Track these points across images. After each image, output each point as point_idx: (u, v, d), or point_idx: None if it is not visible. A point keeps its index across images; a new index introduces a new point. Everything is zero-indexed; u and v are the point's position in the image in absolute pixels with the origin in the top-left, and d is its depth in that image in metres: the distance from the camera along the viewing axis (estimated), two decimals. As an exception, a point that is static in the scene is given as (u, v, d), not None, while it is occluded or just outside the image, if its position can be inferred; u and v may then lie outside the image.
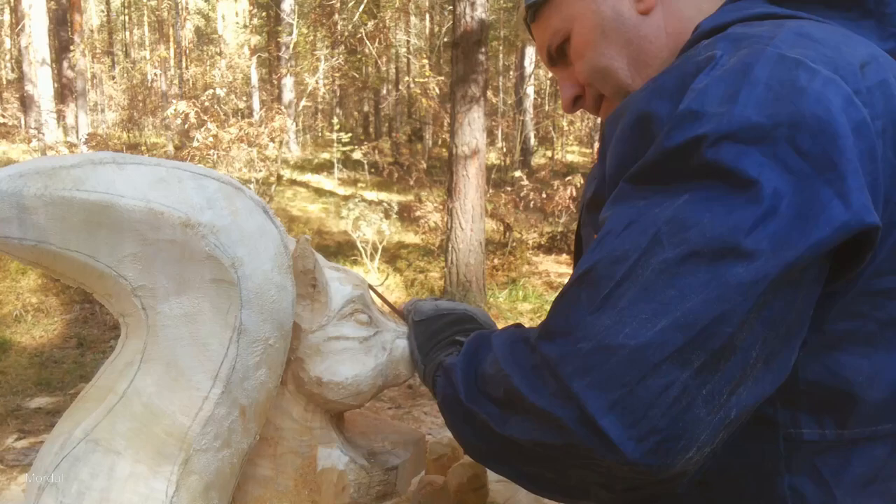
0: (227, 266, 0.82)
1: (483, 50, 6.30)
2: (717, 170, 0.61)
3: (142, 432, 0.80)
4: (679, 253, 0.60)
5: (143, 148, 14.95)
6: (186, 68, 23.06)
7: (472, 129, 6.27)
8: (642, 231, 0.63)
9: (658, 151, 0.65)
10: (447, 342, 0.95)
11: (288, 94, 18.25)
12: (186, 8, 25.56)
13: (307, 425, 0.98)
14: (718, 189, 0.61)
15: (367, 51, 8.16)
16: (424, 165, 8.67)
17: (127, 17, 29.86)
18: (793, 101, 0.61)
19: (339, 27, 8.49)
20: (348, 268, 1.20)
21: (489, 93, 12.93)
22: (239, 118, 9.19)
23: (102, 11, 28.00)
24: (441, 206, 7.95)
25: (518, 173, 8.96)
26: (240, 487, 0.95)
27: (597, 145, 17.61)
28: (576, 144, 21.37)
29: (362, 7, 7.48)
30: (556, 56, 0.95)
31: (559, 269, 7.91)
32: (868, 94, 0.65)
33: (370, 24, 7.84)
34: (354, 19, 7.52)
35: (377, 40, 8.38)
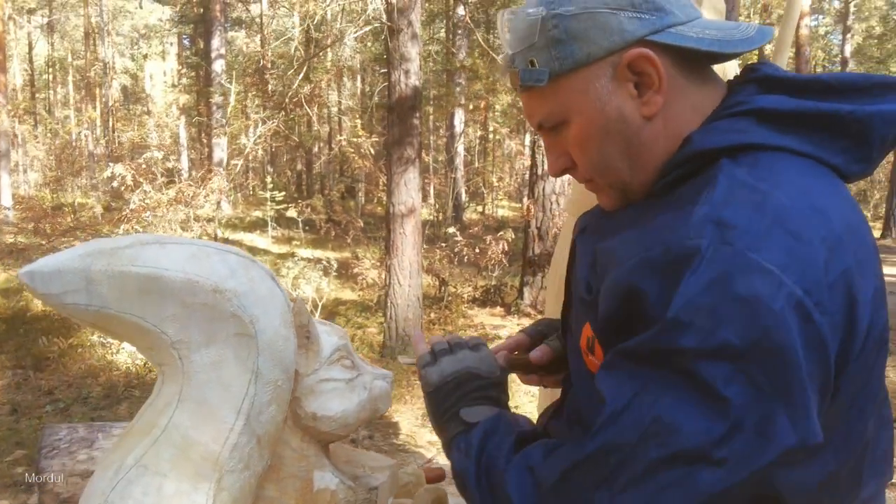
0: (247, 322, 1.03)
1: (417, 115, 6.66)
2: (697, 381, 0.72)
3: (182, 458, 0.99)
4: (661, 454, 0.73)
5: (69, 209, 14.65)
6: (113, 129, 22.82)
7: (409, 189, 6.56)
8: (634, 425, 0.75)
9: (650, 343, 0.76)
10: (451, 415, 1.05)
11: (219, 153, 18.28)
12: (113, 67, 25.39)
13: (304, 453, 1.18)
14: (697, 397, 0.72)
15: (301, 112, 8.44)
16: (361, 224, 8.91)
17: (51, 76, 29.40)
18: (762, 326, 0.71)
19: (274, 91, 8.75)
20: (331, 322, 1.42)
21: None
22: (169, 178, 9.25)
23: (26, 70, 27.50)
24: (378, 263, 8.17)
25: (452, 229, 9.29)
26: (249, 507, 1.14)
27: (526, 200, 18.25)
28: (505, 199, 21.98)
29: (302, 74, 7.77)
30: (548, 128, 0.95)
31: (494, 321, 8.18)
32: (829, 293, 0.74)
33: (307, 87, 8.13)
34: (295, 86, 7.79)
35: (314, 103, 8.68)
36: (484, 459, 0.94)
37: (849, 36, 28.97)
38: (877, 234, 16.79)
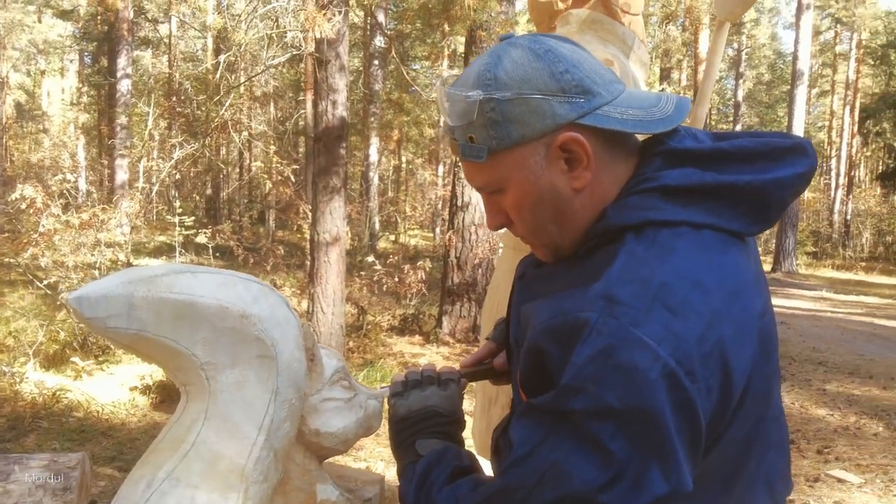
0: (269, 345, 1.13)
1: (343, 144, 6.76)
2: (587, 436, 0.84)
3: (211, 470, 1.07)
4: (555, 496, 0.85)
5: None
6: (6, 147, 21.63)
7: (334, 218, 6.63)
8: (535, 469, 0.88)
9: (550, 403, 0.88)
10: (408, 445, 1.17)
11: (122, 176, 17.65)
12: (8, 83, 24.14)
13: (307, 468, 1.28)
14: (587, 450, 0.84)
15: (225, 137, 8.37)
16: (282, 251, 8.85)
17: (-64, 90, 27.61)
18: (638, 392, 0.82)
19: (193, 116, 8.63)
20: (327, 346, 1.52)
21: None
22: (67, 200, 8.92)
23: None
24: (299, 291, 8.13)
25: (371, 258, 9.37)
26: (256, 519, 1.22)
27: (438, 229, 18.58)
28: (417, 228, 22.20)
29: (229, 101, 7.73)
30: (488, 192, 1.03)
31: (413, 349, 8.28)
32: (702, 363, 0.85)
33: (228, 113, 8.08)
34: (223, 111, 7.73)
35: (238, 129, 8.62)
36: (425, 487, 1.06)
37: (741, 81, 31.12)
38: (767, 267, 17.99)
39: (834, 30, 30.62)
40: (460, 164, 1.06)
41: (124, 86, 18.03)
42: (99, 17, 21.14)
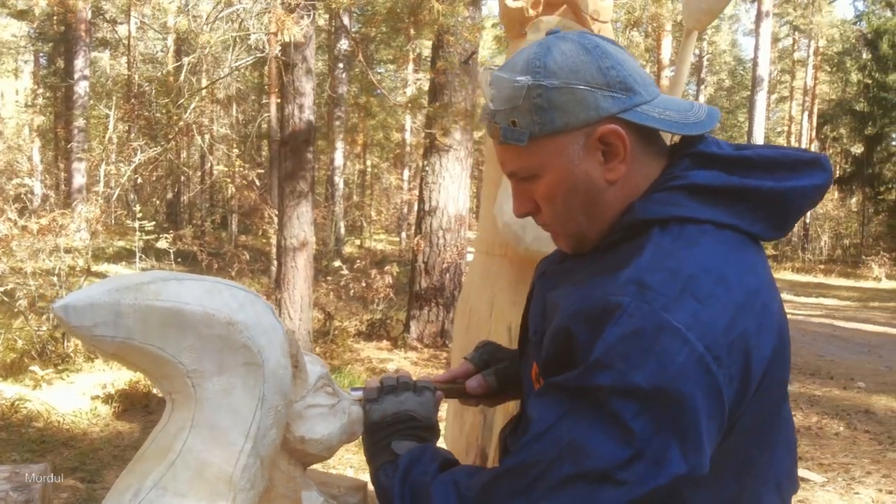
0: (256, 352, 1.12)
1: (311, 149, 6.73)
2: (610, 413, 0.86)
3: (198, 479, 1.06)
4: (574, 471, 0.86)
5: None
6: (-42, 148, 21.01)
7: (301, 223, 6.59)
8: (554, 444, 0.89)
9: (575, 379, 0.89)
10: (382, 446, 1.19)
11: (80, 179, 17.30)
12: (-41, 84, 23.48)
13: (291, 475, 1.27)
14: (608, 427, 0.86)
15: (189, 140, 8.25)
16: (247, 256, 8.75)
17: None
18: (667, 374, 0.84)
19: (155, 119, 8.50)
20: (310, 353, 1.51)
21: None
22: (22, 204, 8.72)
23: None
24: (265, 296, 8.04)
25: (338, 262, 9.32)
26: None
27: (404, 234, 18.53)
28: (383, 233, 22.14)
29: (193, 104, 7.63)
30: (520, 178, 1.05)
31: (381, 354, 8.25)
32: (728, 351, 0.87)
33: (192, 117, 7.98)
34: (188, 114, 7.62)
35: (203, 132, 8.51)
36: (409, 480, 1.06)
37: (703, 87, 31.72)
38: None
39: (792, 37, 31.47)
40: (496, 149, 1.06)
41: (82, 88, 17.67)
42: (55, 18, 20.68)
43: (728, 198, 0.97)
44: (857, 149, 24.01)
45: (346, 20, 13.74)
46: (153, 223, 13.21)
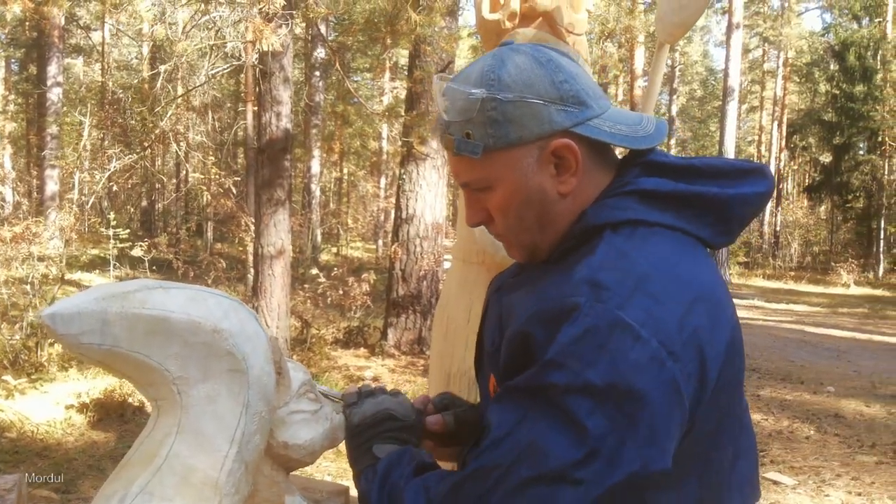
0: (240, 359, 1.15)
1: (288, 157, 6.73)
2: (565, 411, 0.86)
3: (184, 484, 1.08)
4: (532, 473, 0.87)
5: None
6: (-74, 155, 20.63)
7: (278, 231, 6.59)
8: (513, 447, 0.89)
9: (530, 380, 0.90)
10: (365, 450, 1.20)
11: (52, 187, 17.09)
12: (-72, 89, 23.10)
13: (275, 480, 1.29)
14: (563, 426, 0.86)
15: (165, 148, 8.21)
16: (224, 264, 8.70)
17: None
18: (619, 371, 0.85)
19: (130, 126, 8.44)
20: (293, 359, 1.54)
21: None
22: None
23: None
24: (241, 304, 7.99)
25: (315, 270, 9.31)
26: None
27: (381, 241, 18.54)
28: (360, 240, 22.10)
29: (171, 111, 7.59)
30: (473, 189, 1.06)
31: (358, 362, 8.24)
32: (682, 346, 0.88)
33: (169, 124, 7.94)
34: (164, 122, 7.58)
35: (179, 139, 8.46)
36: (388, 484, 1.07)
37: (675, 97, 32.15)
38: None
39: (762, 48, 32.05)
40: (450, 161, 1.07)
41: (55, 94, 17.47)
42: (27, 23, 20.43)
43: (676, 203, 1.00)
44: (826, 158, 24.49)
45: (323, 29, 13.76)
46: (128, 231, 13.11)
